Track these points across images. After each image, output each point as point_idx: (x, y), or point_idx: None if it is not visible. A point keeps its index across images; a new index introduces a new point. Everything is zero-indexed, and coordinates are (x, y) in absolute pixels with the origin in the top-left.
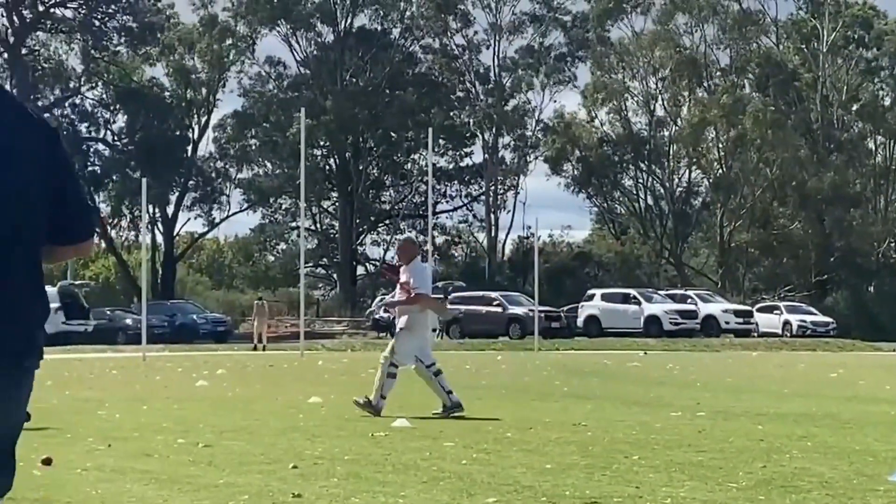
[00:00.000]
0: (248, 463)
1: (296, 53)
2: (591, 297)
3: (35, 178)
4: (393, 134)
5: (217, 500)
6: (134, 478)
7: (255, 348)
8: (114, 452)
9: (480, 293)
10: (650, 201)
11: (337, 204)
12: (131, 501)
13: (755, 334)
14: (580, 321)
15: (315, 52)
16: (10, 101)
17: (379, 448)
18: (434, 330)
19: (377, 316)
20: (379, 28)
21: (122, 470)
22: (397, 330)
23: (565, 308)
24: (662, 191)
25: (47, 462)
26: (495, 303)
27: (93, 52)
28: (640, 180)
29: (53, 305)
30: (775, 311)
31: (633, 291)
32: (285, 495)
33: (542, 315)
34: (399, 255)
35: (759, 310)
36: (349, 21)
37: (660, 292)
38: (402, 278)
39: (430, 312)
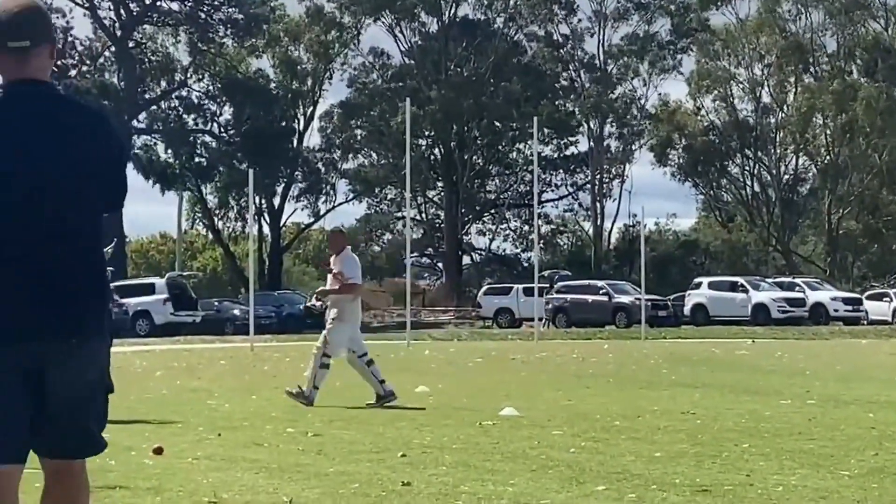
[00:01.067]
0: (357, 452)
1: (400, 44)
2: (698, 286)
3: (87, 168)
4: (498, 123)
5: (327, 488)
6: (244, 466)
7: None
8: (224, 441)
9: (586, 282)
10: (757, 189)
11: (442, 194)
12: (242, 490)
13: (864, 322)
14: (687, 309)
15: (419, 43)
16: (46, 93)
17: (487, 437)
18: (541, 319)
19: (309, 304)
20: (483, 17)
21: (232, 459)
22: (329, 320)
23: (672, 296)
24: (769, 178)
25: (158, 451)
26: (601, 291)
27: (199, 44)
28: (747, 168)
29: (161, 297)
30: (885, 299)
31: (740, 279)
32: (395, 483)
33: (649, 303)
34: (329, 247)
35: (868, 297)
36: (453, 11)
37: (767, 280)
38: (335, 268)
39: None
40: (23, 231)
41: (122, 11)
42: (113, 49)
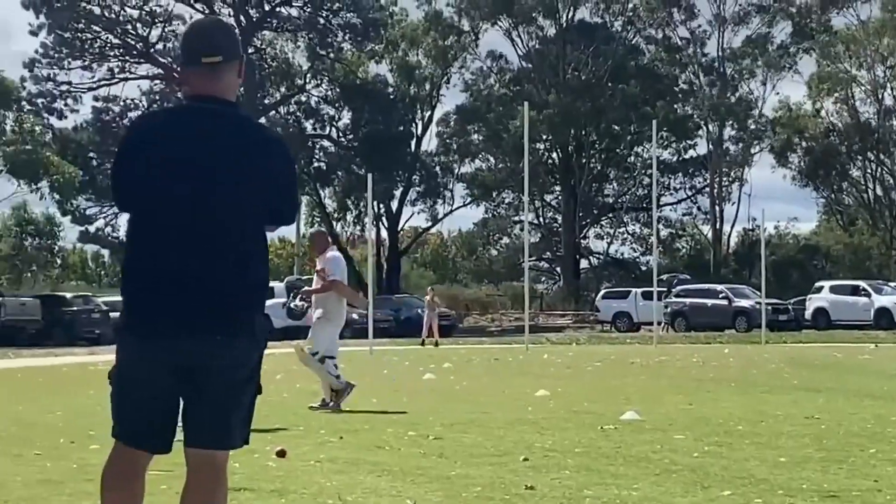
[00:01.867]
0: (478, 455)
1: (517, 48)
2: (820, 290)
3: (247, 181)
4: (616, 127)
5: (450, 491)
6: (366, 469)
7: (422, 343)
8: (346, 444)
9: (706, 286)
10: (879, 192)
11: (560, 197)
12: (365, 493)
13: None
14: (808, 314)
15: (537, 46)
16: (221, 110)
17: (609, 440)
18: (659, 323)
19: (291, 304)
20: (600, 20)
21: (354, 462)
22: (315, 319)
23: (792, 300)
24: (892, 181)
25: (281, 454)
26: (721, 295)
27: (318, 49)
28: (869, 171)
29: (280, 300)
30: None
31: (862, 283)
32: (518, 487)
33: (770, 307)
34: (313, 247)
35: None
36: (571, 14)
37: (890, 284)
38: (318, 266)
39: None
40: (184, 236)
41: (241, 18)
42: None
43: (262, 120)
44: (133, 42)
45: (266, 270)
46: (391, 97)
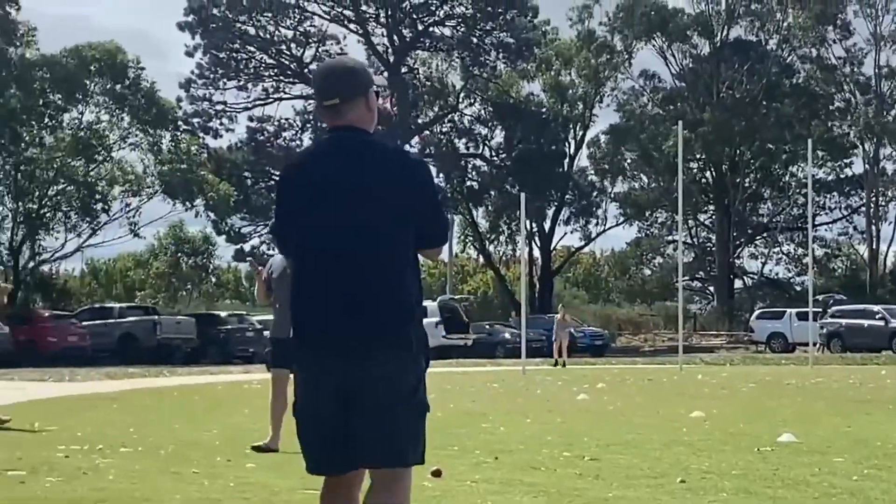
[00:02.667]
0: (634, 476)
1: (671, 66)
2: None
3: (394, 205)
4: (770, 146)
5: None
6: (523, 490)
7: (555, 364)
8: (501, 465)
9: (862, 306)
10: None
11: (713, 217)
12: None
13: None
14: None
15: (690, 65)
16: (362, 138)
17: (766, 463)
18: (815, 344)
19: None
20: (755, 39)
21: (510, 482)
22: None
23: None
24: None
25: (437, 474)
26: (877, 316)
27: (471, 68)
28: None
29: (434, 319)
30: None
31: None
32: None
33: None
34: None
35: None
36: (725, 32)
37: None
38: None
39: None
40: (339, 257)
41: (395, 38)
42: (386, 75)
43: (416, 139)
44: (287, 62)
45: (419, 290)
46: (544, 116)
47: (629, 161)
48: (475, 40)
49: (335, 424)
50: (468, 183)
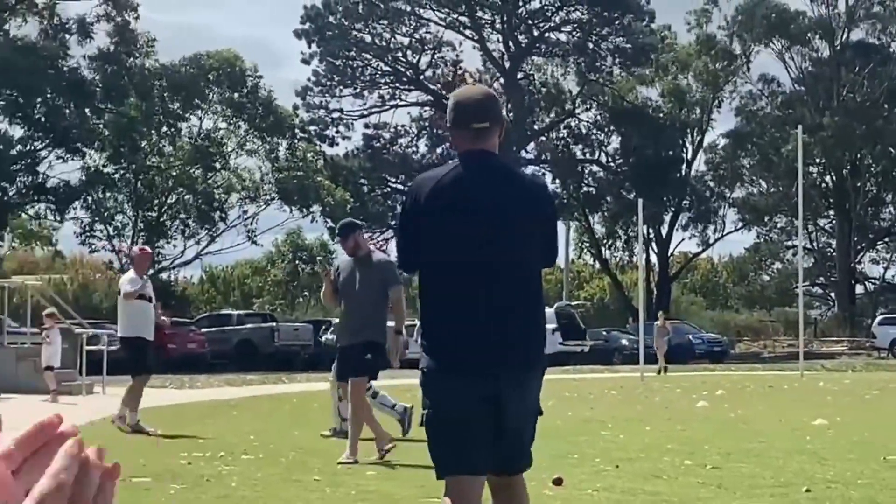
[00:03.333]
0: (758, 486)
1: (790, 70)
2: None
3: (529, 225)
4: (892, 150)
5: None
6: (644, 500)
7: (659, 371)
8: (622, 473)
9: None
10: None
11: (834, 222)
12: None
13: None
14: None
15: (810, 68)
16: (497, 162)
17: (893, 472)
18: None
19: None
20: (877, 42)
21: (631, 491)
22: None
23: None
24: None
25: (558, 482)
26: None
27: (587, 74)
28: None
29: (551, 326)
30: None
31: None
32: None
33: None
34: None
35: None
36: (845, 35)
37: None
38: None
39: None
40: (485, 274)
41: (510, 44)
42: (502, 80)
43: (532, 145)
44: (403, 69)
45: (544, 302)
46: (661, 121)
47: (748, 166)
48: (591, 45)
49: (486, 430)
50: (584, 189)
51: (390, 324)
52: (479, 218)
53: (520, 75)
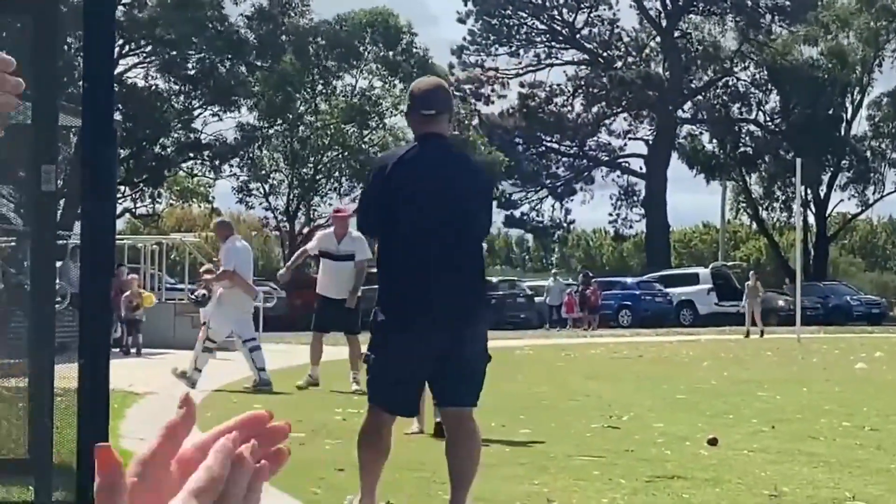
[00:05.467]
0: None
1: None
2: None
3: (475, 202)
4: None
5: (891, 485)
6: (801, 461)
7: (747, 334)
8: (778, 434)
9: None
10: None
11: None
12: (802, 484)
13: None
14: None
15: None
16: (447, 145)
17: None
18: None
19: (192, 295)
20: None
21: (788, 452)
22: (213, 307)
23: None
24: None
25: (713, 442)
26: None
27: (746, 32)
28: None
29: (706, 286)
30: None
31: None
32: None
33: None
34: (216, 236)
35: None
36: None
37: None
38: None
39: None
40: (439, 247)
41: (667, 2)
42: (658, 39)
43: (689, 104)
44: (559, 28)
45: (483, 266)
46: (821, 80)
47: None
48: (749, 3)
49: (422, 379)
50: (741, 148)
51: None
52: (431, 191)
53: (676, 34)
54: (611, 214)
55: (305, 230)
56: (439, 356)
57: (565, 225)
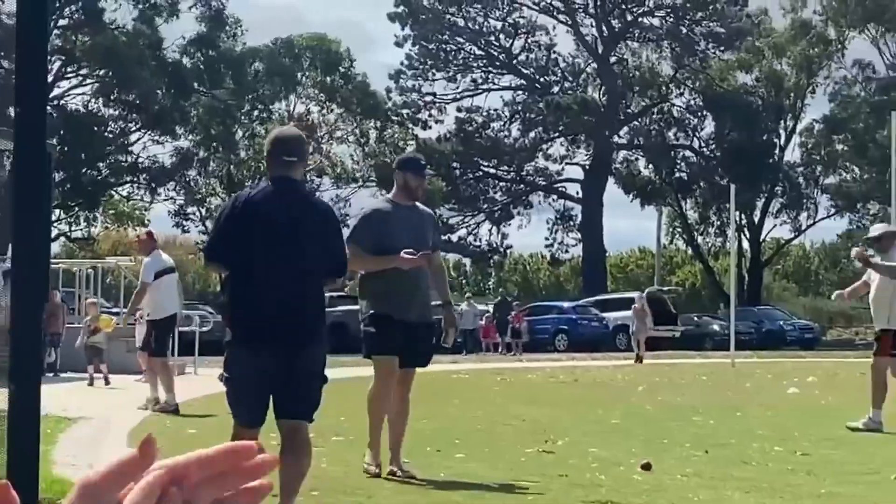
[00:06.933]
0: (848, 473)
1: (884, 56)
2: None
3: (322, 239)
4: None
5: None
6: (733, 485)
7: (637, 359)
8: (711, 459)
9: None
10: None
11: None
12: None
13: None
14: None
15: None
16: (299, 189)
17: None
18: None
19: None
20: None
21: (721, 477)
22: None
23: None
24: None
25: (647, 467)
26: None
27: (681, 58)
28: None
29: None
30: None
31: None
32: None
33: None
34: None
35: None
36: None
37: None
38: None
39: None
40: (281, 276)
41: (603, 28)
42: (595, 66)
43: (625, 129)
44: (496, 53)
45: (324, 293)
46: (755, 106)
47: (841, 152)
48: (684, 30)
49: (266, 393)
50: (677, 174)
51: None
52: (278, 229)
53: (613, 59)
54: (547, 239)
55: None
56: (278, 373)
57: (502, 249)
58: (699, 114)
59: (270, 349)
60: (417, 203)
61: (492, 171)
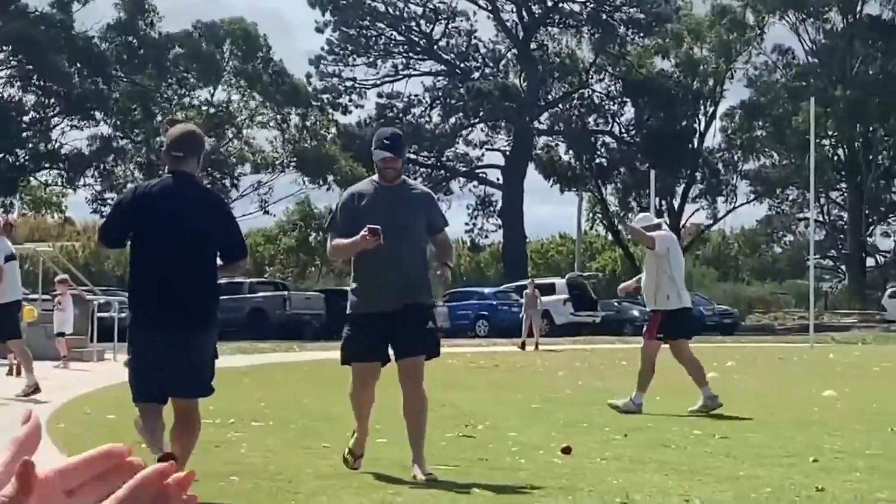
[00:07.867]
0: (766, 455)
1: (804, 42)
2: None
3: (212, 227)
4: None
5: (738, 491)
6: (653, 468)
7: (522, 346)
8: (630, 442)
9: None
10: None
11: (845, 194)
12: (652, 492)
13: None
14: None
15: (824, 41)
16: (191, 182)
17: None
18: None
19: None
20: (892, 15)
21: (640, 460)
22: None
23: None
24: None
25: (567, 451)
26: None
27: (601, 44)
28: None
29: (562, 297)
30: None
31: None
32: (808, 489)
33: None
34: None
35: None
36: (860, 9)
37: None
38: None
39: None
40: (173, 262)
41: (524, 14)
42: (515, 51)
43: (545, 115)
44: (417, 39)
45: (216, 281)
46: (674, 92)
47: (760, 137)
48: (605, 16)
49: (162, 370)
50: (597, 160)
51: None
52: (172, 219)
53: (533, 45)
54: (467, 224)
55: None
56: (173, 352)
57: None
58: (619, 100)
59: (162, 329)
60: (409, 182)
61: (412, 156)
